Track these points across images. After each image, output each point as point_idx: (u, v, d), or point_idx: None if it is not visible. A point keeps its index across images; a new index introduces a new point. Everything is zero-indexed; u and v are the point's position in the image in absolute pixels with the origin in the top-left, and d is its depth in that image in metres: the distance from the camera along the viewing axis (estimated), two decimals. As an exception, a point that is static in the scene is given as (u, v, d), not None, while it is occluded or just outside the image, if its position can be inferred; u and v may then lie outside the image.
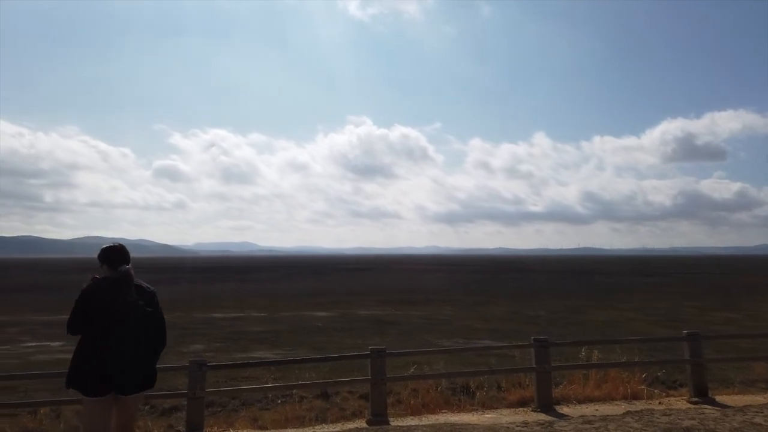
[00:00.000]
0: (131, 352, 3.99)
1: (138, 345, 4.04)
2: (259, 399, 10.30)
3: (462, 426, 6.56)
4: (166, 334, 4.30)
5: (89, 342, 3.99)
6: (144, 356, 4.09)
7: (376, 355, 6.87)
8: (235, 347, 17.43)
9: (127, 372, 3.98)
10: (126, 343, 3.97)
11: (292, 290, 46.44)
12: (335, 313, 28.20)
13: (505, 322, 23.90)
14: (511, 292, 42.50)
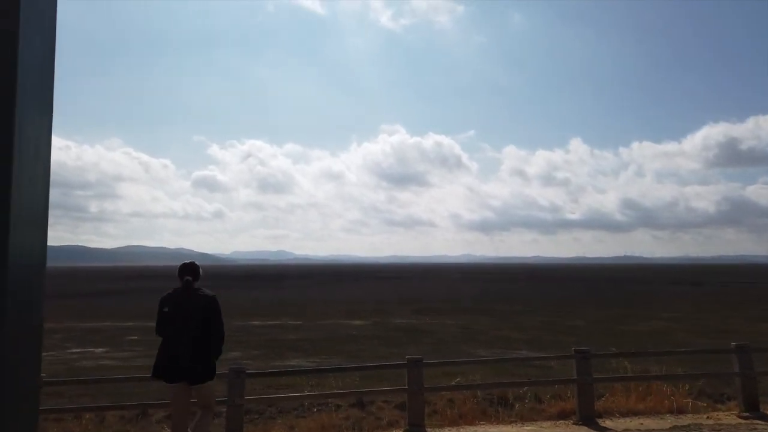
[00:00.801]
0: (189, 349, 4.84)
1: (195, 343, 4.87)
2: (296, 407, 10.32)
3: (500, 439, 6.41)
4: (222, 334, 5.07)
5: (163, 340, 4.96)
6: (201, 353, 4.90)
7: (413, 364, 6.80)
8: (272, 355, 17.58)
9: (186, 365, 4.85)
10: (185, 342, 4.84)
11: (327, 299, 46.69)
12: (370, 322, 28.19)
13: (543, 332, 23.43)
14: (549, 302, 41.69)
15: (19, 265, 1.07)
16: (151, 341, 20.27)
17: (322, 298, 46.90)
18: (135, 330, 25.82)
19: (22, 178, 1.08)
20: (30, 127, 1.13)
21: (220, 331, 5.06)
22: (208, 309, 4.99)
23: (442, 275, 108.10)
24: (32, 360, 1.10)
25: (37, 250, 1.15)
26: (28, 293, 1.11)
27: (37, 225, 1.15)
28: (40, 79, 1.15)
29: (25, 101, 1.08)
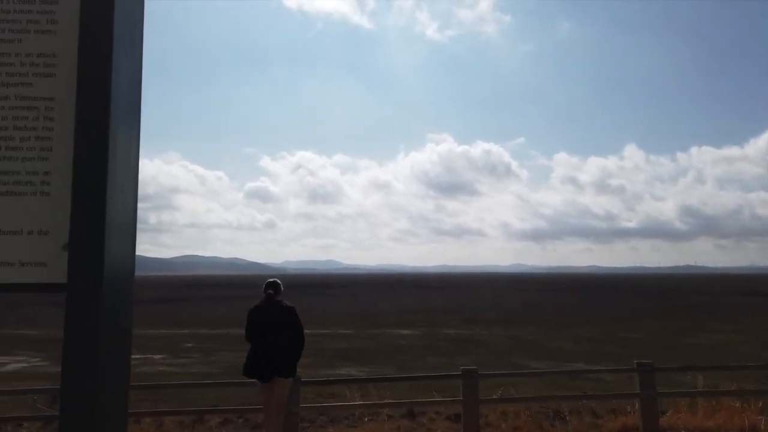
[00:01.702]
0: (271, 353, 5.72)
1: (276, 348, 5.74)
2: (347, 416, 10.36)
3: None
4: (302, 338, 5.94)
5: (252, 346, 5.88)
6: (282, 356, 5.76)
7: (468, 375, 6.71)
8: (322, 363, 17.73)
9: (270, 366, 5.71)
10: (266, 347, 5.73)
11: (376, 307, 46.76)
12: (419, 332, 28.02)
13: (598, 344, 22.67)
14: (604, 313, 40.30)
15: (112, 273, 1.14)
16: (207, 348, 20.92)
17: (370, 307, 47.00)
18: (191, 337, 26.60)
19: (114, 190, 1.15)
20: (122, 140, 1.21)
21: (300, 336, 5.94)
22: (288, 318, 5.87)
23: (492, 285, 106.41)
24: (123, 363, 1.16)
25: (128, 258, 1.22)
26: (120, 300, 1.17)
27: (127, 235, 1.23)
28: (130, 93, 1.23)
29: (118, 115, 1.16)
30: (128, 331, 1.20)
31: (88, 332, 1.07)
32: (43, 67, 1.20)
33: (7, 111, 1.18)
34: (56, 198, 1.16)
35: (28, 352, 22.25)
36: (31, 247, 1.15)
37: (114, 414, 1.10)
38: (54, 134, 1.18)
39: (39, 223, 1.16)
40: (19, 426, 8.93)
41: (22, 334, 28.23)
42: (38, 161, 1.17)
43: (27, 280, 1.14)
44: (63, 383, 1.04)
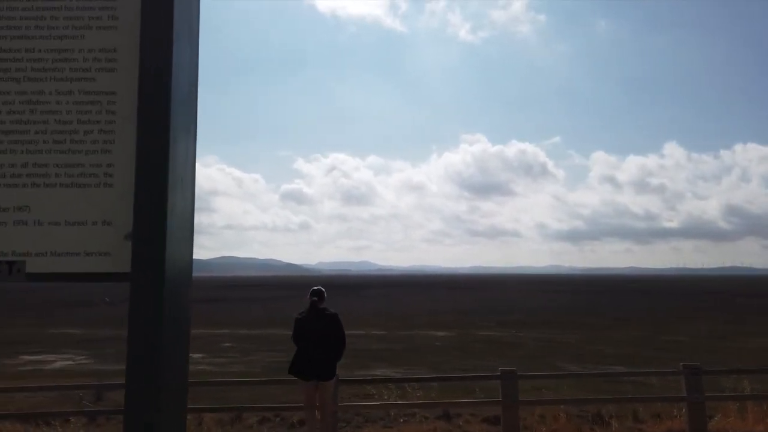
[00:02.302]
0: (314, 356, 6.17)
1: (318, 351, 6.18)
2: (382, 417, 10.37)
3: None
4: (344, 343, 6.35)
5: (298, 349, 6.31)
6: (324, 361, 6.20)
7: (507, 377, 6.62)
8: (356, 364, 17.78)
9: (313, 368, 6.17)
10: (310, 350, 6.19)
11: (410, 309, 46.68)
12: (453, 333, 27.84)
13: (639, 348, 22.09)
14: (645, 316, 39.22)
15: (173, 263, 1.17)
16: (245, 348, 21.23)
17: (404, 309, 46.93)
18: (229, 337, 27.07)
19: (175, 181, 1.20)
20: (181, 132, 1.25)
21: (342, 341, 6.39)
22: (330, 324, 6.36)
23: (528, 286, 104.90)
24: (182, 362, 1.20)
25: (188, 248, 1.26)
26: (181, 289, 1.21)
27: (187, 225, 1.28)
28: (188, 87, 1.27)
29: (177, 108, 1.20)
30: (187, 331, 1.24)
31: (152, 320, 1.10)
32: (105, 62, 1.25)
33: (72, 105, 1.23)
34: (119, 189, 1.20)
35: (74, 351, 23.04)
36: (96, 237, 1.19)
37: (174, 411, 1.13)
38: (116, 127, 1.22)
39: (103, 213, 1.20)
40: (66, 421, 9.24)
41: (67, 334, 29.26)
42: (101, 154, 1.22)
43: (92, 270, 1.18)
44: (128, 369, 1.07)
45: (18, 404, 11.19)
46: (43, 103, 1.23)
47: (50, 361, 20.60)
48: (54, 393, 12.36)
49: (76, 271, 1.19)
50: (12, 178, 1.21)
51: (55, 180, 1.21)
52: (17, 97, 1.23)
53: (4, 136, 1.22)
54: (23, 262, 1.18)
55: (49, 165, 1.21)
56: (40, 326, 32.87)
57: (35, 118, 1.22)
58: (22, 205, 1.20)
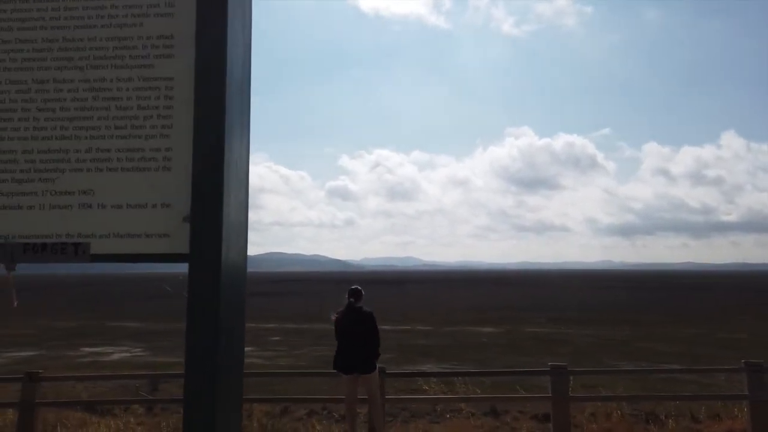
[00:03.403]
0: (351, 351, 6.62)
1: (355, 347, 6.62)
2: (428, 412, 10.35)
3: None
4: (377, 340, 6.70)
5: (339, 345, 6.74)
6: (360, 355, 6.59)
7: (557, 372, 6.48)
8: (403, 359, 17.81)
9: (352, 363, 6.60)
10: (348, 346, 6.65)
11: (457, 304, 46.39)
12: (501, 330, 27.51)
13: (696, 346, 21.24)
14: (702, 312, 37.66)
15: (229, 244, 1.21)
16: (292, 343, 21.62)
17: (449, 304, 46.67)
18: (277, 331, 27.63)
19: (230, 164, 1.24)
20: (236, 116, 1.28)
21: (376, 337, 6.75)
22: (366, 322, 6.73)
23: (578, 282, 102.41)
24: (239, 354, 1.26)
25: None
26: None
27: (242, 208, 1.32)
28: (241, 72, 1.32)
29: (232, 93, 1.24)
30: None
31: (210, 301, 1.14)
32: (163, 49, 1.29)
33: (132, 92, 1.28)
34: (177, 172, 1.25)
35: (130, 343, 24.03)
36: (155, 219, 1.24)
37: (232, 402, 1.16)
38: (174, 112, 1.27)
39: (162, 196, 1.25)
40: (126, 410, 9.64)
41: (126, 327, 30.55)
42: (160, 138, 1.27)
43: (152, 251, 1.24)
44: (187, 348, 1.10)
45: (79, 394, 11.77)
46: (105, 90, 1.28)
47: (108, 353, 21.54)
48: (112, 383, 12.94)
49: (137, 252, 1.24)
50: (77, 163, 1.27)
51: (117, 164, 1.26)
52: (81, 84, 1.28)
53: (69, 123, 1.28)
54: (88, 243, 1.24)
55: (111, 150, 1.27)
56: (100, 319, 34.43)
57: (98, 105, 1.28)
58: (87, 189, 1.26)
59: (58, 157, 1.27)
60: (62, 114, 1.28)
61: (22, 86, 1.28)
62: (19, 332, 27.53)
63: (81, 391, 12.08)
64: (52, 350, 21.63)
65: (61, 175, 1.26)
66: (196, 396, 1.12)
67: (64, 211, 1.25)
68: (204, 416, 1.11)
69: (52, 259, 1.22)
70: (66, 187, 1.26)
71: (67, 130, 1.27)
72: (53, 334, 27.29)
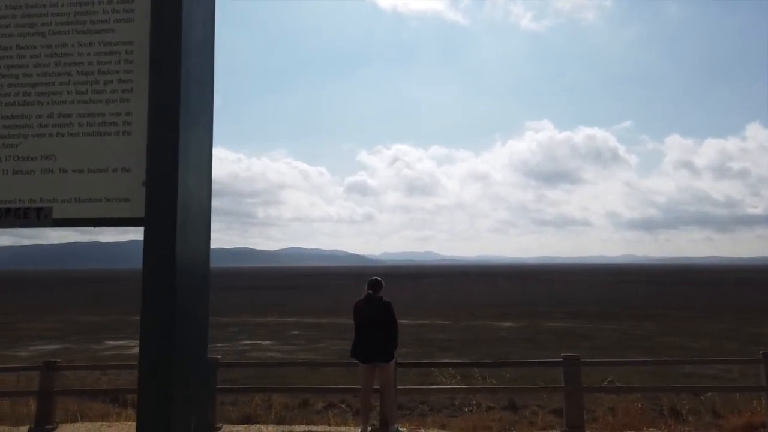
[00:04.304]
0: (369, 341, 6.65)
1: (374, 337, 6.66)
2: (446, 405, 10.33)
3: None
4: (395, 329, 6.70)
5: (356, 334, 6.77)
6: (378, 344, 6.62)
7: (570, 363, 6.40)
8: (421, 353, 17.78)
9: (370, 352, 6.63)
10: (366, 335, 6.68)
11: (476, 299, 46.18)
12: (520, 324, 27.32)
13: (721, 341, 20.82)
14: (727, 307, 36.85)
15: (187, 208, 1.21)
16: (311, 336, 21.69)
17: (469, 299, 46.49)
18: (296, 325, 27.82)
19: (187, 127, 1.23)
20: (194, 78, 1.27)
21: (393, 327, 6.77)
22: (384, 312, 6.76)
23: (599, 277, 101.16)
24: (201, 301, 1.25)
25: (203, 193, 1.30)
26: (197, 232, 1.25)
27: (202, 171, 1.31)
28: (202, 33, 1.32)
29: (190, 55, 1.25)
30: (205, 267, 1.28)
31: (166, 268, 1.15)
32: (123, 13, 1.30)
33: (93, 57, 1.29)
34: (137, 137, 1.26)
35: (154, 336, 24.42)
36: (116, 184, 1.26)
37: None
38: (134, 76, 1.28)
39: (122, 161, 1.26)
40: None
41: (148, 320, 31.05)
42: (120, 103, 1.27)
43: (112, 215, 1.25)
44: (143, 309, 1.10)
45: (103, 385, 12.01)
46: (67, 56, 1.29)
47: (131, 346, 21.91)
48: (134, 376, 13.15)
49: (98, 217, 1.25)
50: (39, 129, 1.28)
51: (78, 129, 1.28)
52: (43, 50, 1.30)
53: (32, 89, 1.29)
54: (50, 208, 1.26)
55: (72, 115, 1.28)
56: (125, 314, 35.04)
57: (59, 70, 1.29)
58: (49, 154, 1.28)
59: (20, 123, 1.28)
60: (25, 80, 1.29)
61: None
62: (44, 326, 28.20)
63: (104, 383, 12.34)
64: (76, 344, 22.10)
65: (23, 141, 1.28)
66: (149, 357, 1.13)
67: (26, 177, 1.27)
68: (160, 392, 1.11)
69: (15, 224, 1.24)
70: (28, 153, 1.28)
71: (29, 96, 1.28)
72: (77, 328, 27.88)
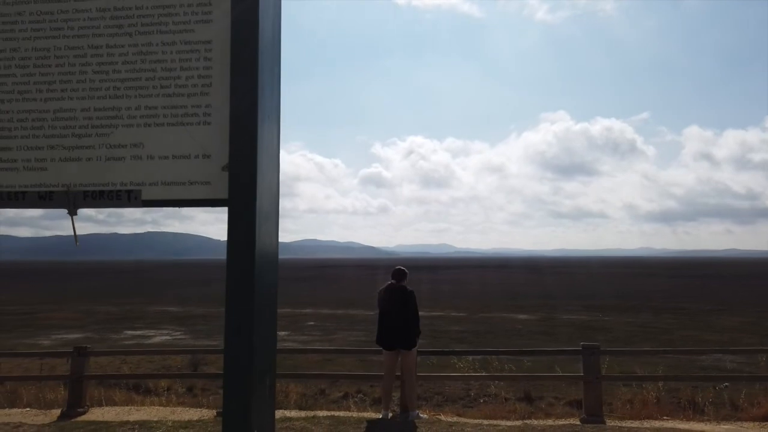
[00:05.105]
0: (392, 328, 6.91)
1: (396, 324, 6.89)
2: (462, 396, 10.44)
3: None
4: (416, 317, 6.95)
5: (380, 321, 7.04)
6: (400, 331, 6.87)
7: (589, 351, 6.46)
8: (437, 345, 17.88)
9: (393, 338, 6.90)
10: (389, 323, 6.93)
11: (491, 291, 46.13)
12: (536, 317, 27.29)
13: (742, 334, 20.63)
14: (747, 300, 36.37)
15: (263, 191, 1.38)
16: (327, 327, 21.88)
17: (484, 291, 46.42)
18: (312, 316, 28.09)
19: (263, 119, 1.40)
20: (267, 75, 1.44)
21: (414, 314, 6.98)
22: (405, 300, 6.97)
23: (617, 269, 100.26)
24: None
25: (274, 187, 1.48)
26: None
27: (274, 157, 1.50)
28: (272, 34, 1.48)
29: (264, 53, 1.41)
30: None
31: (247, 242, 1.33)
32: (201, 15, 1.46)
33: (175, 54, 1.46)
34: (216, 126, 1.43)
35: (172, 327, 24.85)
36: (197, 169, 1.43)
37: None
38: (213, 72, 1.44)
39: (203, 148, 1.43)
40: (167, 389, 10.06)
41: (167, 311, 31.57)
42: (201, 96, 1.44)
43: (195, 197, 1.42)
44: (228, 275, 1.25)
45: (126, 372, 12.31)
46: (152, 54, 1.46)
47: (150, 335, 22.33)
48: (154, 365, 13.48)
49: (182, 198, 1.43)
50: (128, 119, 1.46)
51: (163, 120, 1.45)
52: (130, 49, 1.47)
53: (121, 83, 1.47)
54: (139, 191, 1.44)
55: (158, 107, 1.45)
56: (144, 304, 35.66)
57: (145, 67, 1.46)
58: (137, 143, 1.45)
59: (111, 114, 1.46)
60: (114, 76, 1.46)
61: (79, 51, 1.47)
62: (64, 316, 28.82)
63: (127, 371, 12.65)
64: (96, 333, 22.57)
65: (114, 131, 1.45)
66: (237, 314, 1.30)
67: (117, 163, 1.45)
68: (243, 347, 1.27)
69: (108, 205, 1.41)
70: (119, 141, 1.45)
71: (119, 90, 1.46)
72: (97, 317, 28.44)
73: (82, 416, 7.08)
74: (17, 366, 12.74)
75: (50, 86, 1.46)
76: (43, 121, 1.45)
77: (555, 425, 6.33)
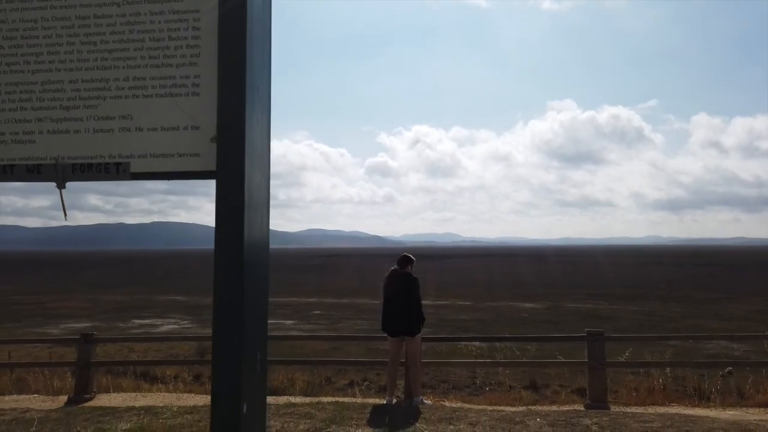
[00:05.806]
0: (395, 313, 6.94)
1: (399, 310, 6.91)
2: (468, 384, 10.46)
3: (698, 418, 5.74)
4: (418, 303, 6.95)
5: (385, 307, 7.07)
6: (403, 317, 6.89)
7: (594, 338, 6.45)
8: (443, 334, 17.94)
9: (397, 325, 6.93)
10: (392, 308, 6.97)
11: (497, 280, 46.08)
12: (542, 305, 27.27)
13: (750, 323, 20.52)
14: (756, 289, 36.12)
15: (252, 162, 1.34)
16: (333, 316, 21.97)
17: (489, 280, 46.39)
18: (318, 305, 28.20)
19: (252, 88, 1.35)
20: (257, 43, 1.39)
21: (416, 301, 6.99)
22: (409, 286, 6.99)
23: (624, 258, 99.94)
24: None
25: (264, 148, 1.44)
26: (259, 185, 1.39)
27: (264, 128, 1.45)
28: (262, 15, 1.43)
29: (253, 22, 1.36)
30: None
31: (236, 211, 1.29)
32: None
33: (163, 24, 1.42)
34: (204, 97, 1.39)
35: (179, 316, 25.02)
36: (186, 140, 1.39)
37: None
38: (201, 42, 1.40)
39: (192, 119, 1.39)
40: (175, 377, 10.14)
41: (175, 300, 31.77)
42: (189, 66, 1.40)
43: (184, 169, 1.39)
44: (216, 251, 1.22)
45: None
46: (140, 23, 1.42)
47: (158, 324, 22.49)
48: (162, 354, 13.59)
49: (171, 170, 1.39)
50: (117, 91, 1.42)
51: (152, 91, 1.41)
52: (118, 19, 1.43)
53: (109, 54, 1.43)
54: (128, 163, 1.40)
55: (146, 78, 1.41)
56: (151, 293, 35.90)
57: (133, 37, 1.42)
58: (126, 114, 1.41)
59: (100, 85, 1.42)
60: (102, 47, 1.43)
61: (66, 22, 1.43)
62: (72, 305, 29.07)
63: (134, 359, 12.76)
64: (104, 322, 22.75)
65: (102, 102, 1.41)
66: (224, 292, 1.30)
67: (106, 135, 1.41)
68: (232, 323, 1.27)
69: (96, 178, 1.39)
70: (107, 113, 1.41)
71: (107, 60, 1.42)
72: (105, 307, 28.67)
73: (89, 402, 7.16)
74: (26, 354, 12.88)
75: (38, 57, 1.42)
76: (31, 93, 1.42)
77: (559, 411, 6.33)
